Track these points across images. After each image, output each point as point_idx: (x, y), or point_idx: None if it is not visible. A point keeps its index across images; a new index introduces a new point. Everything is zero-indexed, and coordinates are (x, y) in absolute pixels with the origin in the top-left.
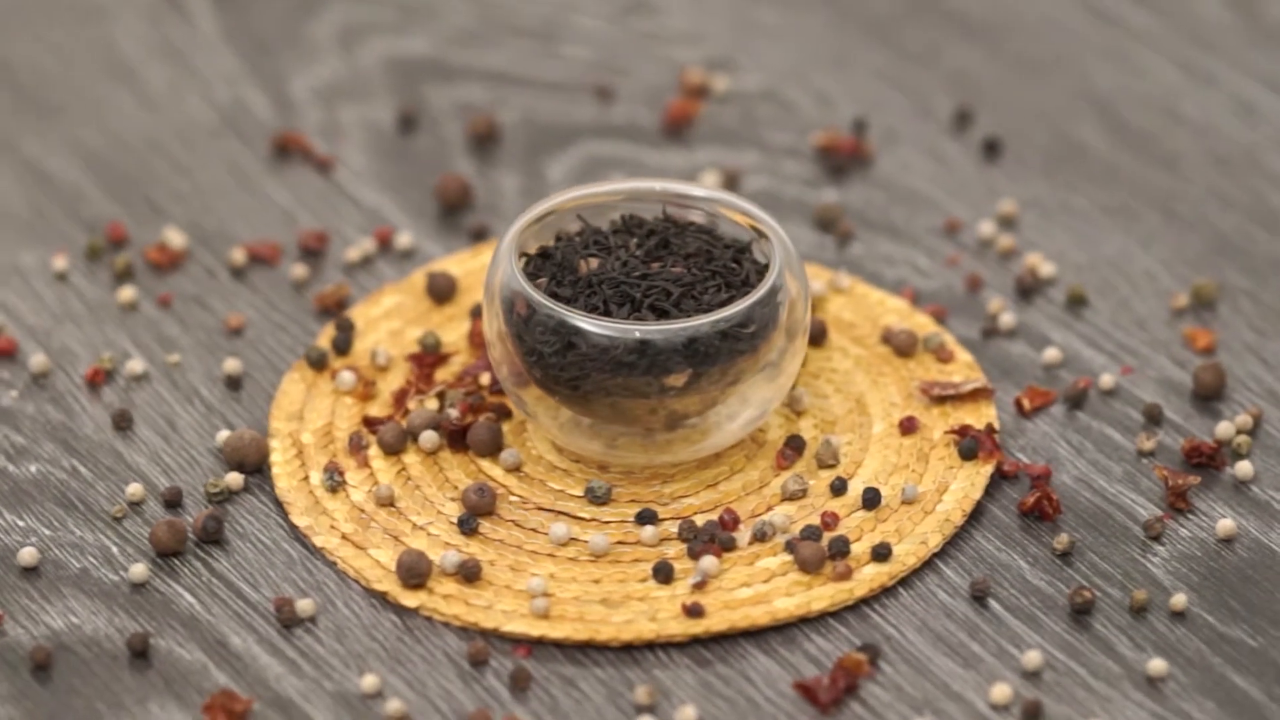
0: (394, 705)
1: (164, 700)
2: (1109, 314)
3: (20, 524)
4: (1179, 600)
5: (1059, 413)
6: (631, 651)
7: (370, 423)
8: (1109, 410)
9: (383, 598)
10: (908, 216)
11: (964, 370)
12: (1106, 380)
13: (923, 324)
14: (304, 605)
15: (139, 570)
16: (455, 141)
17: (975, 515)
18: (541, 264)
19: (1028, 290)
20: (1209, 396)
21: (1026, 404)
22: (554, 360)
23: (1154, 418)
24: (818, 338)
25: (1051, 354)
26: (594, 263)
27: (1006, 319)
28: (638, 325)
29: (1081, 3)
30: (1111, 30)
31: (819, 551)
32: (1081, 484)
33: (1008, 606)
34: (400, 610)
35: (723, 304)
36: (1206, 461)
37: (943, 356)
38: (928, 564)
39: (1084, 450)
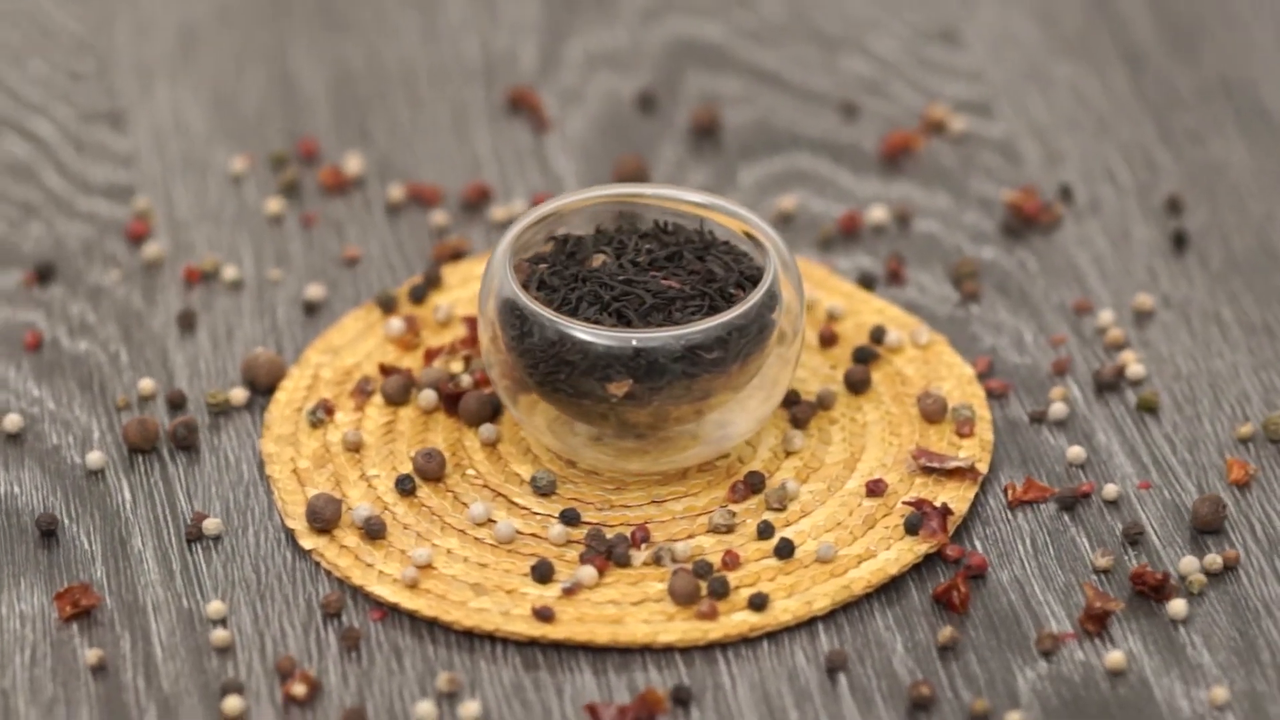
0: (220, 634)
1: (34, 580)
2: (1170, 428)
3: (34, 393)
4: (1013, 718)
5: (1047, 511)
6: (474, 639)
7: (386, 371)
8: (1097, 521)
9: (290, 534)
10: (1047, 289)
11: (975, 448)
12: (1111, 490)
13: (972, 395)
14: (210, 524)
15: (95, 458)
16: (678, 128)
17: (889, 589)
18: (561, 249)
19: (1105, 386)
20: (1202, 529)
21: (1012, 494)
22: (514, 344)
23: (1132, 537)
24: (860, 385)
25: (1075, 452)
26: (600, 259)
27: (1059, 409)
28: (583, 326)
29: None
30: None
31: (691, 585)
32: (1015, 585)
33: (854, 685)
34: (297, 550)
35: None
36: (1150, 592)
37: (962, 431)
38: (807, 624)
39: (1042, 553)
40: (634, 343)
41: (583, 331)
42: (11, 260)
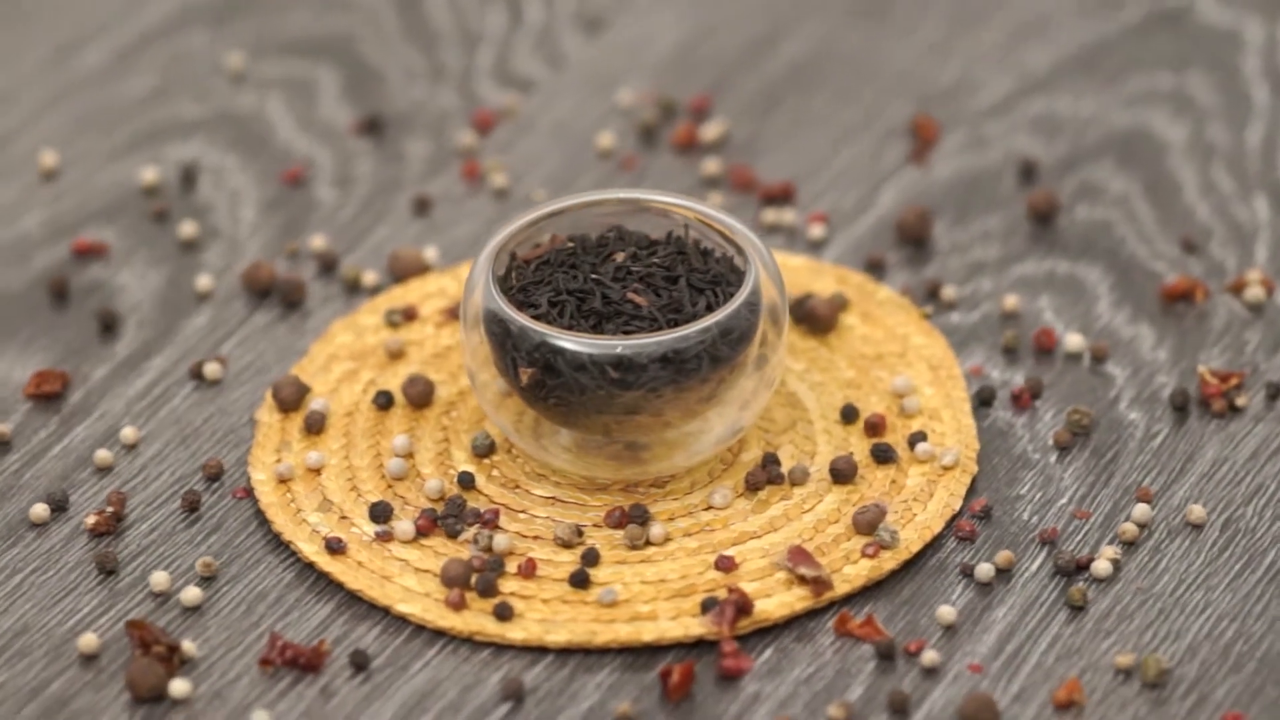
0: (103, 454)
1: (50, 358)
2: (1071, 631)
3: (242, 215)
4: None
5: (863, 653)
6: (279, 544)
7: None
8: (894, 680)
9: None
10: (1136, 468)
11: (862, 571)
12: (930, 658)
13: (926, 528)
14: (211, 369)
15: (203, 282)
16: (1023, 205)
17: (642, 653)
18: (597, 236)
19: (1060, 571)
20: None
21: (843, 624)
22: (486, 318)
23: (896, 705)
24: (840, 476)
25: (944, 611)
26: (620, 256)
27: (985, 569)
28: (508, 306)
29: None
30: None
31: (459, 571)
32: (749, 700)
33: None
34: (248, 424)
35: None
36: None
37: (867, 551)
38: (538, 651)
39: (809, 685)
40: (539, 337)
41: (507, 311)
42: (373, 111)
